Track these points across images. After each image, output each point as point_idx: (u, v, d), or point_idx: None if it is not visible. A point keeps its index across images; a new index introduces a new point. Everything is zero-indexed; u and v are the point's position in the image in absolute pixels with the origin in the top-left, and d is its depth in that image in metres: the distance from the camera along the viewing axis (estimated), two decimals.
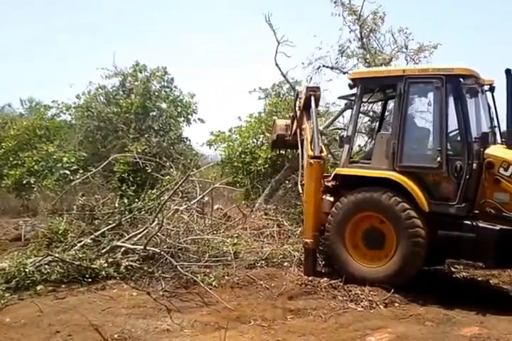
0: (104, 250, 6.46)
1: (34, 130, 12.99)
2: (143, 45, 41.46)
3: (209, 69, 44.65)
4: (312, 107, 7.05)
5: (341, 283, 5.99)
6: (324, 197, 6.62)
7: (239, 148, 11.54)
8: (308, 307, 5.40)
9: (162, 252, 6.32)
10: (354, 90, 6.70)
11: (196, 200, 7.77)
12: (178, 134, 12.70)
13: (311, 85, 7.67)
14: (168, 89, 12.82)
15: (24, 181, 11.87)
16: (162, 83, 12.74)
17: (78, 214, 7.56)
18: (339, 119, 11.11)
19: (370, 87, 6.79)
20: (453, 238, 5.68)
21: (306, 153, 6.74)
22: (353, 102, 6.87)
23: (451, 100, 5.89)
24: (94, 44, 41.27)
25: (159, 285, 5.84)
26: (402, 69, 6.30)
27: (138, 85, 12.26)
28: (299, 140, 7.34)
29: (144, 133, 11.72)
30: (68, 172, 11.20)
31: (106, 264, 6.08)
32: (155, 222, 6.79)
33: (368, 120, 11.08)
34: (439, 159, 5.76)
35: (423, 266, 6.09)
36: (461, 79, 5.85)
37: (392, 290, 5.74)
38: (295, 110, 7.79)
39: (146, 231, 6.74)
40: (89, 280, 5.92)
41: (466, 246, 5.64)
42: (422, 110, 6.93)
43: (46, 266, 5.96)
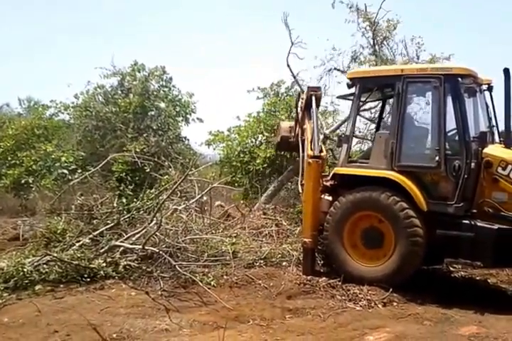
0: (102, 250, 6.45)
1: (32, 129, 12.99)
2: (143, 45, 41.46)
3: (209, 69, 44.69)
4: (313, 107, 7.05)
5: (340, 283, 5.99)
6: (323, 196, 6.62)
7: (237, 148, 11.54)
8: (307, 306, 5.40)
9: (161, 252, 6.31)
10: (353, 89, 6.70)
11: (195, 200, 7.77)
12: (177, 134, 12.72)
13: (312, 85, 7.64)
14: (167, 89, 12.83)
15: (22, 181, 11.87)
16: (160, 82, 12.75)
17: (76, 213, 7.55)
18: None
19: (368, 87, 6.78)
20: (451, 237, 5.69)
21: (306, 152, 6.75)
22: (352, 101, 6.87)
23: (450, 99, 5.90)
24: (94, 44, 41.29)
25: (158, 285, 5.83)
26: (400, 69, 6.31)
27: (136, 85, 12.27)
28: (299, 140, 7.33)
29: (143, 133, 11.72)
30: (66, 171, 11.22)
31: (104, 264, 6.07)
32: (153, 222, 6.78)
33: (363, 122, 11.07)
34: (438, 158, 5.77)
35: (421, 265, 6.10)
36: (460, 79, 5.86)
37: (391, 290, 5.73)
38: (297, 111, 7.78)
39: (144, 231, 6.74)
40: (88, 279, 5.91)
41: (464, 245, 5.65)
42: (420, 109, 6.95)
43: (44, 265, 5.94)
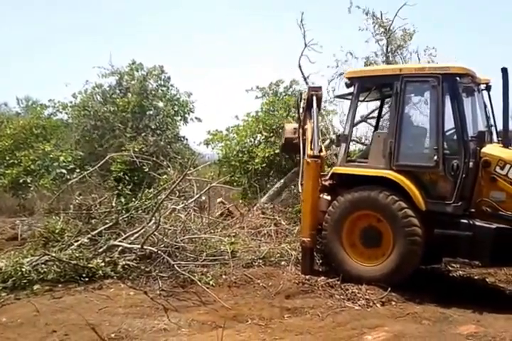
0: (101, 249, 6.44)
1: (31, 129, 12.97)
2: (143, 45, 41.55)
3: (209, 69, 44.77)
4: (314, 107, 7.05)
5: (338, 282, 6.00)
6: (321, 196, 6.63)
7: (236, 147, 11.53)
8: (306, 305, 5.40)
9: (159, 251, 6.31)
10: (351, 89, 6.70)
11: (193, 199, 7.76)
12: (175, 133, 12.72)
13: (313, 85, 7.64)
14: (165, 88, 12.82)
15: (21, 180, 11.86)
16: (159, 82, 12.74)
17: (75, 213, 7.53)
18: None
19: (366, 86, 6.79)
20: (449, 236, 5.70)
21: (306, 152, 6.75)
22: (350, 101, 6.87)
23: (448, 99, 5.90)
24: (93, 44, 41.34)
25: (156, 285, 5.83)
26: (398, 68, 6.31)
27: (134, 84, 12.27)
28: (301, 140, 7.32)
29: (141, 132, 11.72)
30: (65, 171, 11.21)
31: (103, 263, 6.06)
32: (152, 221, 6.78)
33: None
34: (436, 158, 5.77)
35: (420, 264, 6.10)
36: (458, 78, 5.86)
37: (389, 289, 5.75)
38: (298, 111, 7.78)
39: (143, 231, 6.73)
40: (86, 279, 5.90)
41: (462, 244, 5.66)
42: (418, 109, 6.95)
43: (43, 265, 5.94)
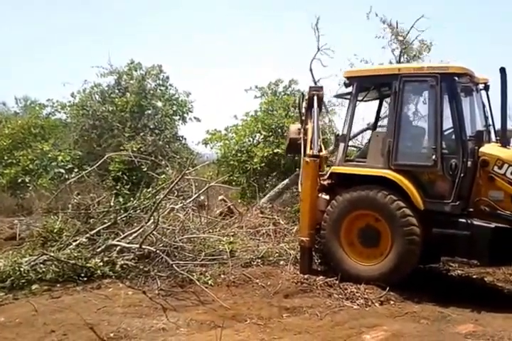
0: (99, 249, 6.44)
1: (29, 129, 12.94)
2: (143, 45, 41.55)
3: (209, 69, 44.77)
4: (314, 107, 7.06)
5: (337, 281, 6.00)
6: (320, 195, 6.63)
7: (235, 147, 11.53)
8: (304, 305, 5.41)
9: (158, 251, 6.30)
10: (350, 89, 6.70)
11: (192, 199, 7.75)
12: (174, 133, 12.70)
13: (314, 85, 7.63)
14: (164, 88, 12.80)
15: (19, 180, 11.83)
16: (157, 81, 12.72)
17: (73, 213, 7.53)
18: None
19: (365, 86, 6.79)
20: (448, 236, 5.71)
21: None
22: (349, 101, 6.87)
23: (446, 98, 5.90)
24: (93, 44, 41.28)
25: (155, 284, 5.82)
26: (397, 68, 6.32)
27: (133, 84, 12.24)
28: (302, 140, 7.31)
29: (140, 132, 11.70)
30: (63, 171, 11.19)
31: (101, 263, 6.05)
32: (150, 221, 6.77)
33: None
34: (434, 157, 5.78)
35: (418, 263, 6.11)
36: (456, 78, 5.87)
37: (388, 288, 5.76)
38: (300, 111, 7.77)
39: (141, 230, 6.72)
40: (85, 279, 5.90)
41: (460, 244, 5.67)
42: (417, 108, 6.96)
43: (41, 265, 5.93)
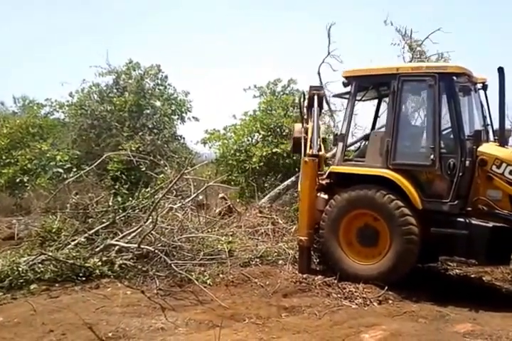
0: (98, 249, 6.44)
1: (27, 128, 12.92)
2: (143, 45, 41.43)
3: (209, 69, 44.70)
4: (314, 106, 7.07)
5: (335, 281, 6.00)
6: (319, 195, 6.63)
7: (234, 146, 11.54)
8: (303, 304, 5.41)
9: (156, 250, 6.30)
10: (348, 88, 6.71)
11: (190, 198, 7.76)
12: (173, 132, 12.70)
13: (314, 85, 7.63)
14: (162, 87, 12.80)
15: (17, 179, 11.81)
16: (156, 81, 12.72)
17: (72, 212, 7.53)
18: None
19: (364, 85, 6.79)
20: (446, 235, 5.71)
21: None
22: (347, 100, 6.87)
23: (444, 98, 5.91)
24: (93, 44, 41.16)
25: (153, 284, 5.82)
26: (395, 67, 6.31)
27: (132, 83, 12.23)
28: (302, 139, 7.31)
29: (138, 132, 11.69)
30: (62, 170, 11.17)
31: (100, 263, 6.05)
32: (149, 221, 6.77)
33: None
34: (433, 157, 5.79)
35: (416, 263, 6.12)
36: (454, 77, 5.87)
37: (386, 288, 5.76)
38: (301, 110, 7.77)
39: (140, 230, 6.73)
40: (83, 279, 5.90)
41: (459, 243, 5.68)
42: (415, 108, 6.96)
43: (40, 264, 5.92)
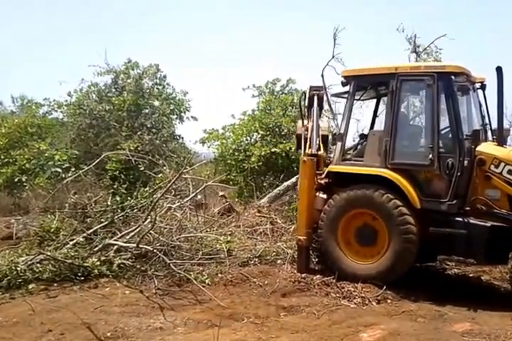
0: (96, 248, 6.44)
1: (26, 128, 12.92)
2: (143, 45, 41.49)
3: (209, 69, 44.77)
4: (314, 106, 7.08)
5: (334, 280, 6.00)
6: (317, 194, 6.63)
7: (232, 146, 11.54)
8: (302, 304, 5.41)
9: (155, 250, 6.30)
10: (347, 88, 6.71)
11: (189, 198, 7.76)
12: (171, 132, 12.70)
13: (314, 85, 7.65)
14: (161, 87, 12.81)
15: (16, 179, 11.81)
16: (154, 80, 12.72)
17: (70, 212, 7.52)
18: None
19: (362, 85, 6.79)
20: (444, 235, 5.71)
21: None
22: (346, 100, 6.87)
23: (443, 97, 5.91)
24: (93, 44, 41.24)
25: (152, 284, 5.83)
26: (394, 67, 6.31)
27: (130, 83, 12.23)
28: (302, 139, 7.32)
29: (137, 131, 11.70)
30: (60, 170, 11.18)
31: (98, 262, 6.05)
32: (148, 220, 6.77)
33: None
34: (431, 156, 5.79)
35: (415, 262, 6.12)
36: (453, 77, 5.88)
37: (385, 287, 5.76)
38: (301, 109, 7.77)
39: (138, 229, 6.73)
40: (82, 278, 5.90)
41: (457, 242, 5.68)
42: (414, 107, 6.96)
43: (38, 264, 5.93)
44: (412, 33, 11.23)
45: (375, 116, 8.04)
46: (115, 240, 6.60)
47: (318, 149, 6.64)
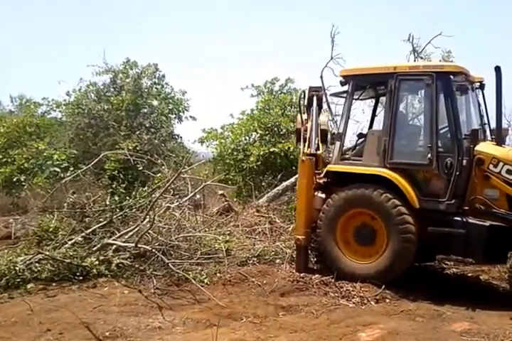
0: (95, 248, 6.43)
1: (24, 127, 12.88)
2: (143, 45, 41.47)
3: (209, 69, 44.77)
4: (313, 106, 7.09)
5: (333, 280, 6.01)
6: (316, 193, 6.63)
7: (231, 146, 11.53)
8: (300, 303, 5.41)
9: (153, 250, 6.30)
10: (346, 87, 6.71)
11: (188, 198, 7.76)
12: (170, 131, 12.69)
13: (314, 85, 7.66)
14: (160, 86, 12.79)
15: (14, 179, 11.78)
16: (153, 80, 12.70)
17: (69, 211, 7.52)
18: None
19: (361, 84, 6.80)
20: (443, 234, 5.72)
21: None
22: (345, 99, 6.88)
23: (442, 97, 5.92)
24: (93, 44, 41.18)
25: (151, 283, 5.82)
26: (393, 67, 6.31)
27: (129, 82, 12.21)
28: (301, 139, 7.32)
29: (135, 131, 11.67)
30: (59, 169, 11.15)
31: (97, 262, 6.05)
32: (146, 220, 6.77)
33: None
34: (430, 156, 5.79)
35: (414, 262, 6.12)
36: (452, 77, 5.89)
37: (383, 287, 5.76)
38: (300, 109, 7.77)
39: (137, 229, 6.73)
40: (80, 278, 5.90)
41: (456, 242, 5.69)
42: (412, 107, 6.96)
43: (37, 264, 5.92)
44: (410, 34, 11.23)
45: (374, 115, 8.05)
46: (114, 240, 6.60)
47: (317, 149, 6.65)
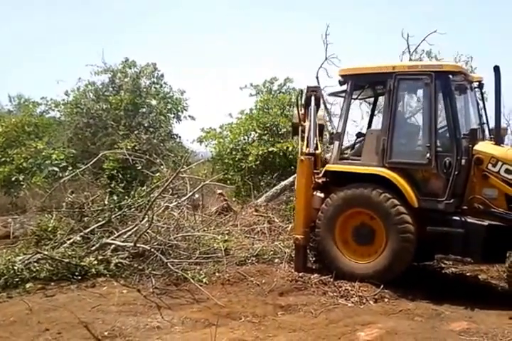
0: (93, 247, 6.43)
1: (23, 127, 12.86)
2: (143, 45, 41.47)
3: (209, 69, 44.78)
4: (312, 106, 7.10)
5: (331, 279, 6.01)
6: (315, 193, 6.63)
7: (230, 145, 11.53)
8: (299, 303, 5.41)
9: (152, 249, 6.30)
10: (344, 87, 6.71)
11: (186, 197, 7.75)
12: (168, 131, 12.68)
13: (312, 85, 7.68)
14: (158, 86, 12.78)
15: (13, 178, 11.77)
16: (152, 79, 12.69)
17: (67, 211, 7.51)
18: None
19: (360, 84, 6.80)
20: (442, 234, 5.72)
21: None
22: (343, 99, 6.88)
23: (440, 96, 5.92)
24: (93, 44, 41.20)
25: (149, 283, 5.82)
26: (392, 66, 6.31)
27: (127, 82, 12.20)
28: (299, 138, 7.32)
29: (134, 130, 11.67)
30: (57, 169, 11.14)
31: (96, 262, 6.05)
32: (145, 219, 6.76)
33: None
34: (429, 155, 5.79)
35: (412, 261, 6.12)
36: (450, 76, 5.89)
37: (382, 286, 5.76)
38: (298, 108, 7.79)
39: (136, 229, 6.72)
40: (79, 277, 5.89)
41: (454, 241, 5.69)
42: (411, 106, 6.96)
43: (35, 263, 5.92)
44: (407, 34, 11.21)
45: (373, 115, 8.06)
46: (112, 239, 6.59)
47: (316, 148, 6.66)
